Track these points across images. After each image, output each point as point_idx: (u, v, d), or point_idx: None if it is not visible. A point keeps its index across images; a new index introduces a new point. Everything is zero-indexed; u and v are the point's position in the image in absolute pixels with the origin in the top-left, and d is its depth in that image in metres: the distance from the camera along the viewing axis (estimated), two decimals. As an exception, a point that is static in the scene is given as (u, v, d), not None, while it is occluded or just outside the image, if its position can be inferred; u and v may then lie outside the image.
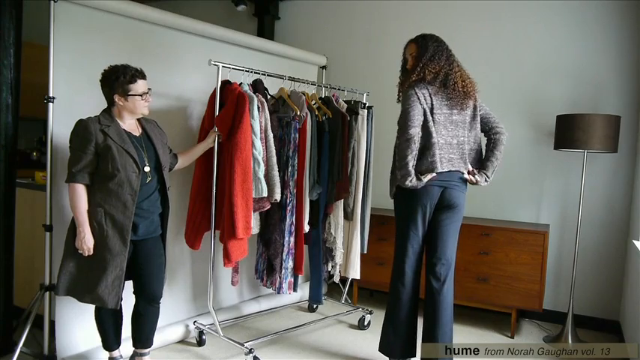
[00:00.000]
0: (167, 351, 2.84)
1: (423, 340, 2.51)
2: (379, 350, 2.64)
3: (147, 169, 2.23)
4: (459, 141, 2.46)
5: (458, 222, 2.53)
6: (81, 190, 2.13)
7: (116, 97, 2.18)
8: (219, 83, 2.72)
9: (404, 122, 2.36)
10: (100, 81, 2.19)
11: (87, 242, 2.12)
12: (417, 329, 2.59)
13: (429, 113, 2.39)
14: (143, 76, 2.23)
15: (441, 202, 2.47)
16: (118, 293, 2.17)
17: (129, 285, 2.35)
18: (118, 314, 2.36)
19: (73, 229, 2.18)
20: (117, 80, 2.15)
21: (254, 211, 2.77)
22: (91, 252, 2.13)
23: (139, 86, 2.20)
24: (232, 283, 3.08)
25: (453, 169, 2.44)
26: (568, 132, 3.05)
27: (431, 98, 2.40)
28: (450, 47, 2.51)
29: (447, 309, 2.48)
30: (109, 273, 2.14)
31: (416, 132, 2.34)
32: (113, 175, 2.12)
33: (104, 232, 2.13)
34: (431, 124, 2.38)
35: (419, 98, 2.37)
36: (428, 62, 2.44)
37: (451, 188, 2.46)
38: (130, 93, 2.18)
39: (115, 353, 2.40)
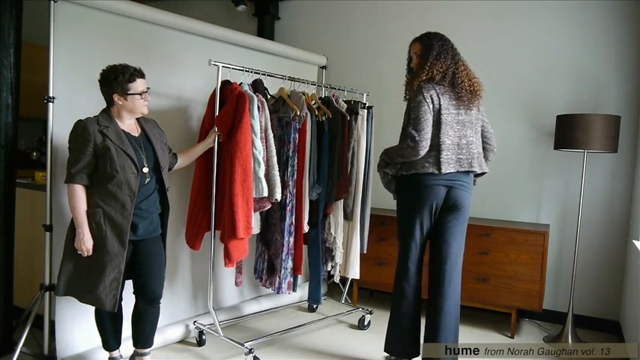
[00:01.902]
0: (167, 351, 2.84)
1: (425, 341, 2.51)
2: (385, 350, 2.63)
3: (145, 169, 2.23)
4: (468, 141, 2.46)
5: (464, 223, 2.53)
6: (80, 191, 2.13)
7: (115, 97, 2.18)
8: (219, 83, 2.72)
9: (418, 137, 2.36)
10: (99, 81, 2.19)
11: (86, 243, 2.11)
12: (421, 328, 2.60)
13: (436, 114, 2.40)
14: (142, 75, 2.23)
15: (446, 203, 2.47)
16: (116, 296, 2.16)
17: (129, 285, 2.35)
18: (117, 314, 2.35)
19: (72, 230, 2.18)
20: (116, 79, 2.14)
21: (254, 211, 2.77)
22: (90, 253, 2.13)
23: (139, 85, 2.20)
24: (236, 283, 3.08)
25: (462, 169, 2.44)
26: (568, 132, 3.05)
27: (439, 98, 2.41)
28: (454, 46, 2.52)
29: (451, 311, 2.46)
30: (107, 274, 2.13)
31: (424, 153, 2.38)
32: (112, 176, 2.12)
33: (103, 233, 2.13)
34: (438, 125, 2.40)
35: (429, 106, 2.38)
36: (434, 61, 2.45)
37: (457, 188, 2.46)
38: (129, 92, 2.17)
39: (115, 353, 2.40)
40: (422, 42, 2.51)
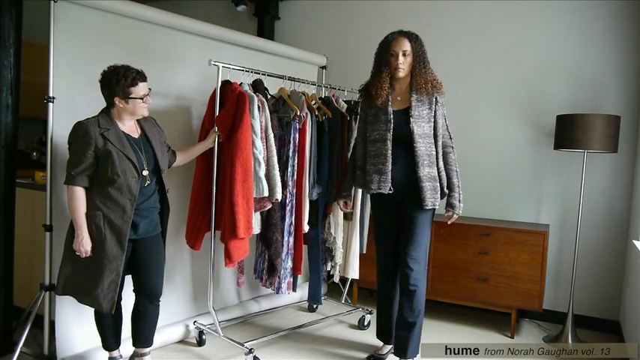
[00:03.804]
0: (167, 351, 2.84)
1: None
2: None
3: (145, 172, 2.22)
4: None
5: None
6: (80, 193, 2.12)
7: (116, 100, 2.16)
8: (219, 83, 2.72)
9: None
10: (100, 82, 2.17)
11: (84, 245, 2.11)
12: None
13: None
14: (144, 78, 2.21)
15: None
16: (113, 298, 2.16)
17: (129, 284, 2.35)
18: (117, 314, 2.35)
19: (72, 231, 2.17)
20: (118, 83, 2.13)
21: (255, 211, 2.77)
22: (89, 254, 2.13)
23: (140, 89, 2.18)
24: (238, 283, 3.08)
25: None
26: (568, 132, 3.05)
27: None
28: None
29: None
30: (105, 277, 2.13)
31: None
32: (113, 180, 2.12)
33: (102, 236, 2.13)
34: None
35: None
36: (430, 69, 2.55)
37: None
38: (131, 96, 2.16)
39: (115, 353, 2.40)
40: (412, 41, 2.49)
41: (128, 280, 2.34)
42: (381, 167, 2.52)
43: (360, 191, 3.26)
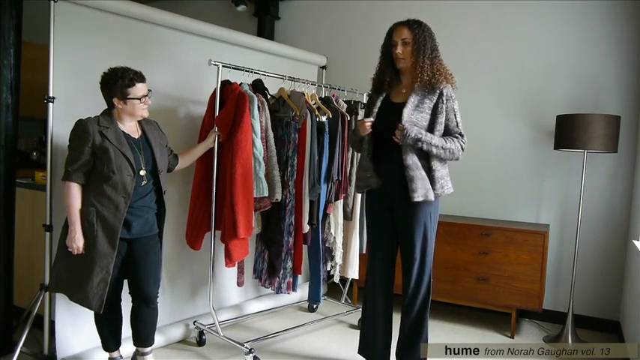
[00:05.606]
0: (167, 351, 2.84)
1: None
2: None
3: (142, 172, 2.23)
4: None
5: None
6: (75, 189, 2.13)
7: (115, 101, 2.18)
8: (219, 83, 2.72)
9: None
10: (100, 84, 2.19)
11: (77, 241, 2.11)
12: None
13: None
14: (142, 80, 2.22)
15: None
16: (102, 297, 2.14)
17: (127, 285, 2.35)
18: (116, 315, 2.35)
19: (66, 228, 2.18)
20: (115, 84, 2.14)
21: (255, 211, 2.77)
22: (81, 251, 2.13)
23: (138, 90, 2.19)
24: (238, 284, 3.08)
25: None
26: (568, 132, 3.06)
27: None
28: None
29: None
30: (94, 274, 2.12)
31: None
32: (108, 176, 2.12)
33: (94, 232, 2.13)
34: None
35: None
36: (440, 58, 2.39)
37: None
38: (128, 97, 2.17)
39: (115, 354, 2.40)
40: (411, 28, 2.39)
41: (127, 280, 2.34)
42: (364, 163, 2.41)
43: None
